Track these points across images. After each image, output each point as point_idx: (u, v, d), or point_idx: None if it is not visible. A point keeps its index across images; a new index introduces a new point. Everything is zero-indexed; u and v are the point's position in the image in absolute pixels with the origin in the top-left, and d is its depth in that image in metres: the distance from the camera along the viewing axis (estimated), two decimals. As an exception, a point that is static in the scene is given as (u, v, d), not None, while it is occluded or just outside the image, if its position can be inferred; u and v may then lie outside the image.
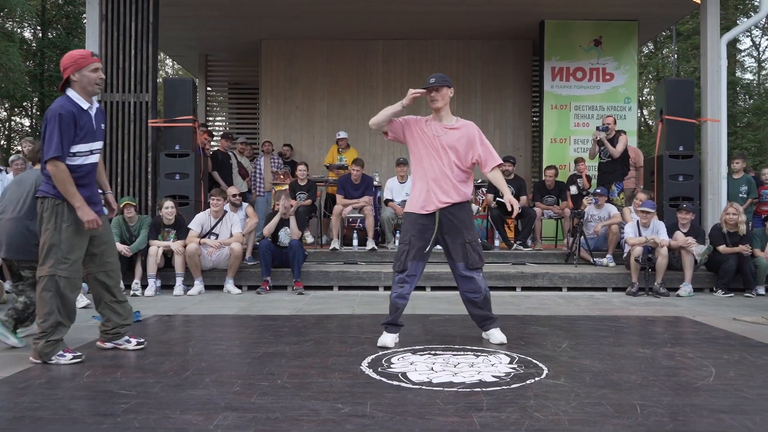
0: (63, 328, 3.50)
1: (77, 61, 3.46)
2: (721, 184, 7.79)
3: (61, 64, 3.51)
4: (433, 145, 3.97)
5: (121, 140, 7.50)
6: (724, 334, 4.45)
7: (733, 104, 20.68)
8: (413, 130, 4.05)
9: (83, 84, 3.46)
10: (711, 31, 7.95)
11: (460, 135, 3.98)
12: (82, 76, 3.46)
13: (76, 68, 3.45)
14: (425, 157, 3.98)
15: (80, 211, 3.41)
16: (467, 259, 3.94)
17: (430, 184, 3.94)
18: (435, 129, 4.00)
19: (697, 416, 2.59)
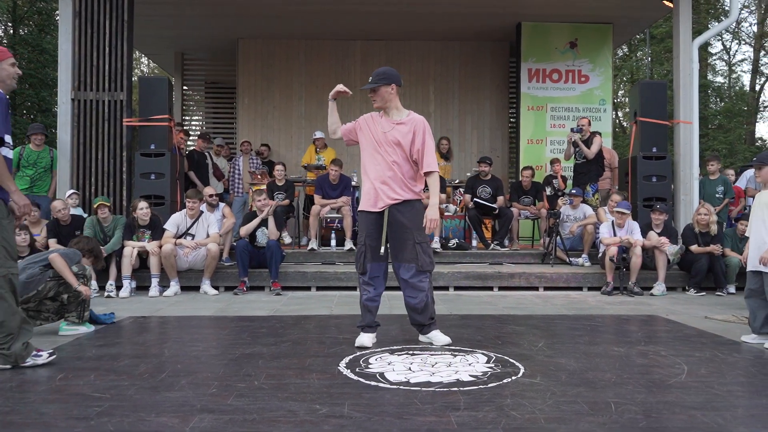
0: (28, 326, 3.40)
1: None
2: (693, 185, 7.93)
3: None
4: (380, 141, 3.93)
5: (95, 139, 7.39)
6: (696, 332, 4.54)
7: (704, 107, 21.09)
8: (363, 130, 4.03)
9: (2, 77, 3.36)
10: (683, 34, 8.09)
11: (407, 130, 3.92)
12: (1, 69, 3.36)
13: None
14: (374, 154, 3.93)
15: (16, 195, 3.30)
16: (418, 261, 3.88)
17: (378, 181, 3.90)
18: (383, 125, 3.97)
19: (669, 413, 2.64)
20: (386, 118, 4.00)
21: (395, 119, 3.98)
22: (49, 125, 16.89)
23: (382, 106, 3.98)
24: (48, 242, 6.44)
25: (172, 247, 6.43)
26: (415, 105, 10.98)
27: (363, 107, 10.91)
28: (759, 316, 4.22)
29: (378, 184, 3.89)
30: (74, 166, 7.38)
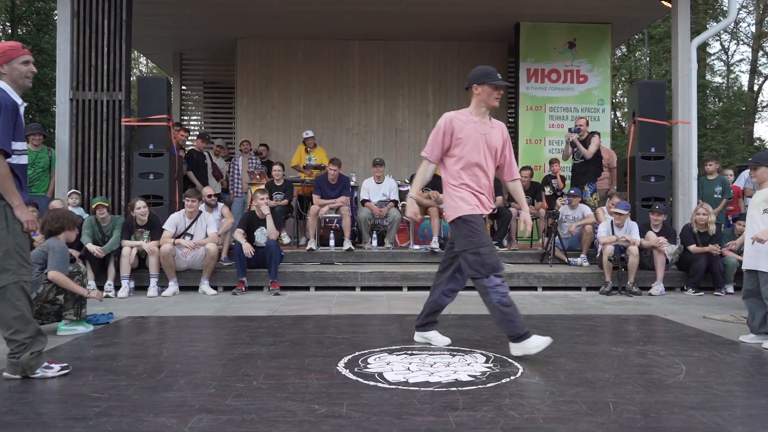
0: (42, 337, 3.23)
1: (6, 52, 3.18)
2: (691, 185, 7.94)
3: None
4: (479, 143, 3.74)
5: (94, 139, 7.38)
6: (694, 332, 4.54)
7: (703, 107, 21.10)
8: (464, 129, 3.76)
9: (14, 77, 3.19)
10: (682, 34, 8.10)
11: (498, 135, 3.81)
12: (12, 69, 3.18)
13: (4, 60, 3.17)
14: (475, 157, 3.71)
15: (19, 209, 3.13)
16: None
17: (477, 187, 3.73)
18: (480, 126, 3.78)
19: (668, 413, 2.64)
20: (479, 119, 3.81)
21: (487, 121, 3.84)
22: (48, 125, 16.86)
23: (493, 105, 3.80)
24: (46, 242, 6.42)
25: (171, 247, 6.43)
26: (414, 105, 10.99)
27: (362, 107, 10.93)
28: (757, 316, 4.23)
29: (477, 191, 3.73)
30: (73, 166, 7.37)
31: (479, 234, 3.64)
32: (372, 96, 10.98)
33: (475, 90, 3.78)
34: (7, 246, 3.12)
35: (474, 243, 3.61)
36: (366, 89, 10.94)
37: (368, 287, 6.76)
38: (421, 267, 7.24)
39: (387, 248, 7.92)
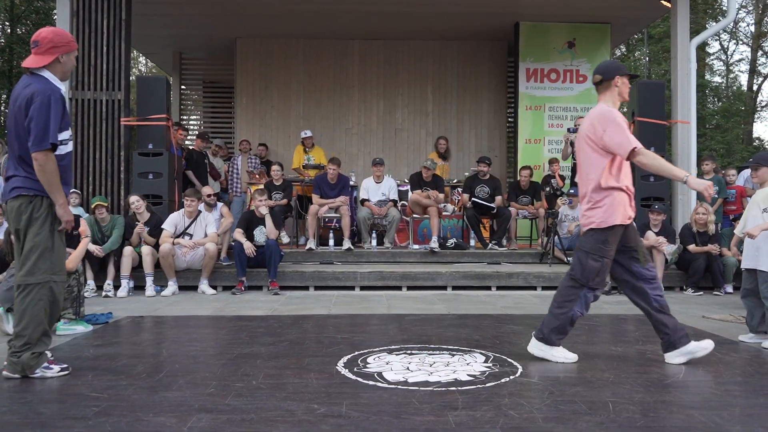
0: (47, 338, 3.21)
1: (69, 43, 3.17)
2: (690, 185, 7.93)
3: (48, 40, 3.11)
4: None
5: (93, 139, 7.38)
6: (693, 331, 4.54)
7: (702, 106, 21.11)
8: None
9: (66, 69, 3.19)
10: (681, 34, 8.11)
11: None
12: (68, 60, 3.18)
13: (67, 50, 3.16)
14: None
15: (62, 209, 3.11)
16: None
17: (629, 190, 3.56)
18: None
19: (667, 412, 2.64)
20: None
21: None
22: (47, 124, 16.84)
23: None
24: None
25: (170, 247, 6.42)
26: (414, 104, 11.00)
27: (362, 106, 10.93)
28: (756, 315, 4.23)
29: (631, 193, 3.57)
30: (72, 166, 7.35)
31: (612, 245, 3.50)
32: (371, 95, 10.98)
33: (616, 82, 3.53)
34: (46, 245, 3.12)
35: (603, 252, 3.48)
36: (365, 89, 10.94)
37: (367, 287, 6.76)
38: (420, 267, 7.24)
39: (386, 248, 7.92)
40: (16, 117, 3.10)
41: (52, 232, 3.14)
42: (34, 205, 3.11)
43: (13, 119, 3.12)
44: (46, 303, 3.13)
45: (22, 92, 3.10)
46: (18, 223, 3.13)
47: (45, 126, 3.02)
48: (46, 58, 3.12)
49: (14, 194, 3.13)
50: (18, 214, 3.13)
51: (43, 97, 3.03)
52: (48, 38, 3.12)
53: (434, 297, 6.31)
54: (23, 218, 3.11)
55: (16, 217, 3.13)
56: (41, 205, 3.12)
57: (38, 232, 3.11)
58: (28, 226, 3.11)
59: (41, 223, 3.11)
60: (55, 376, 3.16)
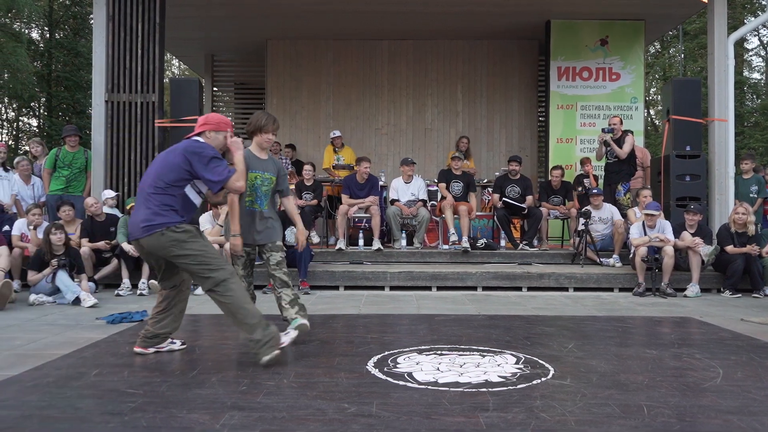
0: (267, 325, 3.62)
1: (219, 124, 3.74)
2: (728, 184, 7.75)
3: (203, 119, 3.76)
4: None
5: (128, 140, 7.54)
6: (731, 334, 4.43)
7: (740, 104, 20.58)
8: None
9: (212, 145, 3.68)
10: (718, 30, 7.92)
11: None
12: (215, 138, 3.72)
13: (216, 129, 3.73)
14: None
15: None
16: None
17: None
18: None
19: (704, 417, 2.58)
20: None
21: None
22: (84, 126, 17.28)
23: None
24: (81, 241, 6.59)
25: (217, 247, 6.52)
26: (443, 104, 10.96)
27: (391, 106, 10.93)
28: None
29: None
30: (108, 167, 7.54)
31: None
32: (401, 96, 10.98)
33: None
34: (207, 248, 3.55)
35: None
36: (395, 89, 10.94)
37: (397, 287, 6.76)
38: (450, 267, 7.21)
39: (416, 248, 7.91)
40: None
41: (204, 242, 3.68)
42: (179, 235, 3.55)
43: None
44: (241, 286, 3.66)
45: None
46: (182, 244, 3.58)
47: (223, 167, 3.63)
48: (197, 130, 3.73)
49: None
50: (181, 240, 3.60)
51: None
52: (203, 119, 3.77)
53: (464, 297, 6.28)
54: (178, 243, 3.56)
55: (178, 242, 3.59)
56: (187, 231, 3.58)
57: (200, 244, 3.59)
58: (184, 245, 3.55)
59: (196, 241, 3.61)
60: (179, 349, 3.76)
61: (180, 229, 3.47)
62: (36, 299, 5.69)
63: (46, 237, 6.01)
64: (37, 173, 7.82)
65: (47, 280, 5.80)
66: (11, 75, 18.46)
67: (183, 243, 3.45)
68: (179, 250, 3.45)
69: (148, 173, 3.59)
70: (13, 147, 21.18)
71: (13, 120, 22.97)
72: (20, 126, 23.26)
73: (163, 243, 3.45)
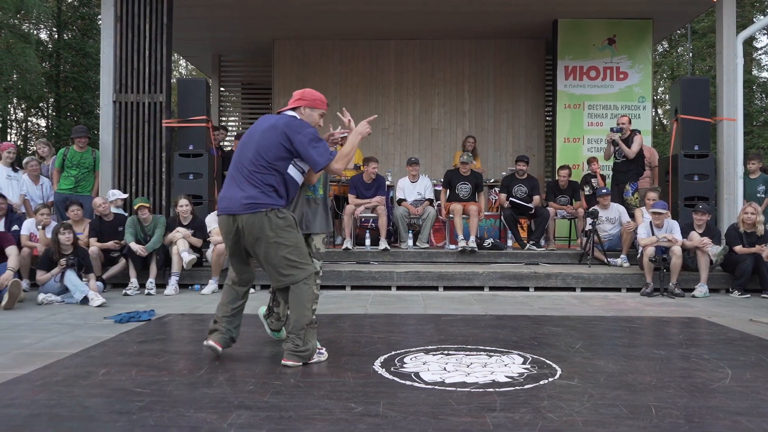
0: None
1: (314, 101, 3.65)
2: (737, 184, 7.70)
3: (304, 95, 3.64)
4: None
5: (135, 140, 7.57)
6: (740, 335, 4.40)
7: (749, 103, 20.44)
8: None
9: (307, 122, 3.56)
10: (727, 29, 7.86)
11: None
12: (309, 115, 3.62)
13: (311, 105, 3.63)
14: None
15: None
16: None
17: None
18: None
19: (713, 418, 2.56)
20: None
21: None
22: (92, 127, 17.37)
23: None
24: (89, 241, 6.62)
25: (224, 247, 6.52)
26: (450, 104, 10.95)
27: (398, 106, 10.93)
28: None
29: None
30: (116, 167, 7.57)
31: None
32: (408, 95, 10.97)
33: None
34: (299, 242, 3.41)
35: None
36: (402, 88, 10.94)
37: (404, 287, 6.76)
38: (457, 267, 7.20)
39: (424, 248, 7.90)
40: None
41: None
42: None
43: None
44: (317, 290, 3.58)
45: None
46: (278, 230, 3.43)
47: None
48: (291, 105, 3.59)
49: None
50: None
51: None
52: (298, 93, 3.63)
53: (471, 297, 6.27)
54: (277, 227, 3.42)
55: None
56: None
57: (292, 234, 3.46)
58: (280, 231, 3.40)
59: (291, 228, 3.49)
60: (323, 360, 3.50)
61: (281, 215, 3.33)
62: (45, 299, 5.72)
63: (54, 237, 6.04)
64: (44, 173, 7.87)
65: (56, 279, 5.83)
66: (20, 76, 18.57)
67: (281, 230, 3.31)
68: (275, 236, 3.30)
69: (247, 148, 3.42)
70: (22, 147, 21.32)
71: (22, 120, 23.11)
72: (29, 126, 23.41)
73: (264, 224, 3.28)
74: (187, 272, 6.60)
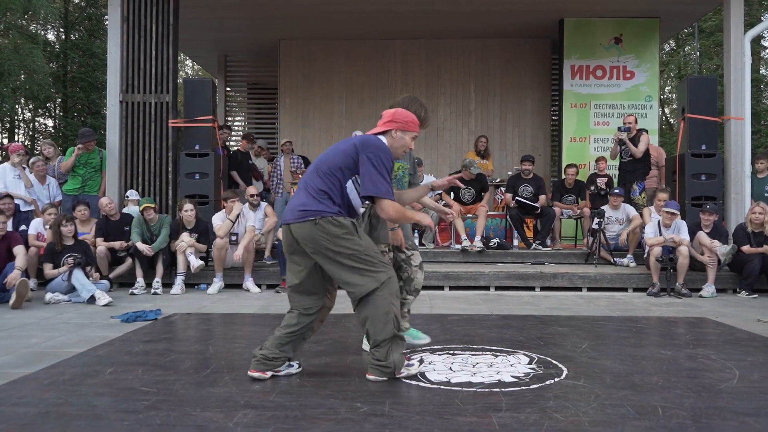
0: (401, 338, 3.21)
1: (407, 123, 3.24)
2: (744, 184, 7.66)
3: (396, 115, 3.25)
4: None
5: (142, 140, 7.59)
6: (747, 335, 4.38)
7: (757, 102, 20.33)
8: None
9: (396, 145, 3.24)
10: (734, 27, 7.82)
11: None
12: (400, 138, 3.23)
13: (403, 128, 3.23)
14: None
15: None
16: None
17: None
18: None
19: (720, 419, 2.55)
20: None
21: None
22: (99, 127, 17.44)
23: None
24: (96, 240, 6.65)
25: (225, 241, 6.56)
26: (456, 103, 10.93)
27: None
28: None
29: None
30: (122, 167, 7.60)
31: None
32: (413, 94, 10.94)
33: None
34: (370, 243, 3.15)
35: None
36: (407, 88, 10.92)
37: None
38: (463, 267, 7.19)
39: (429, 248, 7.89)
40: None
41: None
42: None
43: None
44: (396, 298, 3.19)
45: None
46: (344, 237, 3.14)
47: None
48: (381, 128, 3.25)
49: None
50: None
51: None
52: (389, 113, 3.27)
53: (477, 297, 6.26)
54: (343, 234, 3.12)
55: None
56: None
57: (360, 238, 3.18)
58: (346, 238, 3.10)
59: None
60: (418, 372, 3.19)
61: (336, 222, 3.01)
62: (52, 298, 5.76)
63: (56, 228, 6.09)
64: (50, 174, 7.90)
65: (63, 278, 5.86)
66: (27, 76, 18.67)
67: (337, 239, 3.00)
68: (333, 245, 3.00)
69: (316, 159, 3.22)
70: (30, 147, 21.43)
71: (30, 121, 23.24)
72: (36, 126, 23.53)
73: (315, 234, 3.00)
74: (192, 272, 6.62)
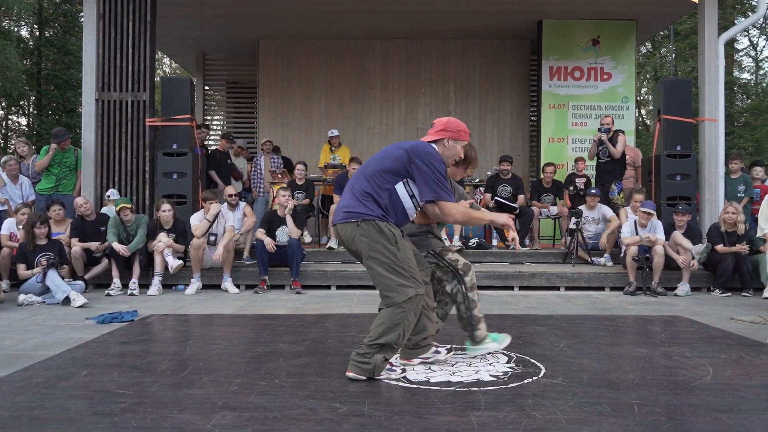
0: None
1: (459, 132, 3.24)
2: (718, 184, 7.80)
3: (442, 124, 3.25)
4: None
5: (118, 139, 7.49)
6: (721, 333, 4.46)
7: (730, 104, 20.70)
8: None
9: (447, 155, 3.22)
10: (709, 30, 7.96)
11: None
12: (451, 147, 3.23)
13: (455, 137, 3.22)
14: None
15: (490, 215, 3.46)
16: None
17: None
18: None
19: (694, 416, 2.59)
20: None
21: None
22: (74, 125, 17.17)
23: None
24: (71, 241, 6.54)
25: (203, 241, 6.49)
26: (436, 104, 10.96)
27: (384, 106, 10.92)
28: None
29: None
30: (98, 166, 7.49)
31: None
32: (393, 95, 10.97)
33: None
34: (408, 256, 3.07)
35: None
36: (387, 88, 10.93)
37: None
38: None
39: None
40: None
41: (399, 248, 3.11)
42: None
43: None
44: (411, 314, 3.10)
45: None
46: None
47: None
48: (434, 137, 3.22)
49: None
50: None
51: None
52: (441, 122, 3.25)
53: (456, 297, 6.27)
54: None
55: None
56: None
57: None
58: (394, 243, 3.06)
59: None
60: (398, 378, 3.11)
61: (377, 227, 2.97)
62: (25, 299, 5.65)
63: (28, 228, 5.98)
64: (24, 173, 7.76)
65: (37, 279, 5.76)
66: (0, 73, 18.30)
67: (375, 243, 2.97)
68: (369, 250, 2.97)
69: (364, 163, 3.21)
70: (3, 146, 21.02)
71: (2, 119, 22.79)
72: (9, 125, 23.08)
73: (354, 235, 2.99)
74: (170, 272, 6.55)
